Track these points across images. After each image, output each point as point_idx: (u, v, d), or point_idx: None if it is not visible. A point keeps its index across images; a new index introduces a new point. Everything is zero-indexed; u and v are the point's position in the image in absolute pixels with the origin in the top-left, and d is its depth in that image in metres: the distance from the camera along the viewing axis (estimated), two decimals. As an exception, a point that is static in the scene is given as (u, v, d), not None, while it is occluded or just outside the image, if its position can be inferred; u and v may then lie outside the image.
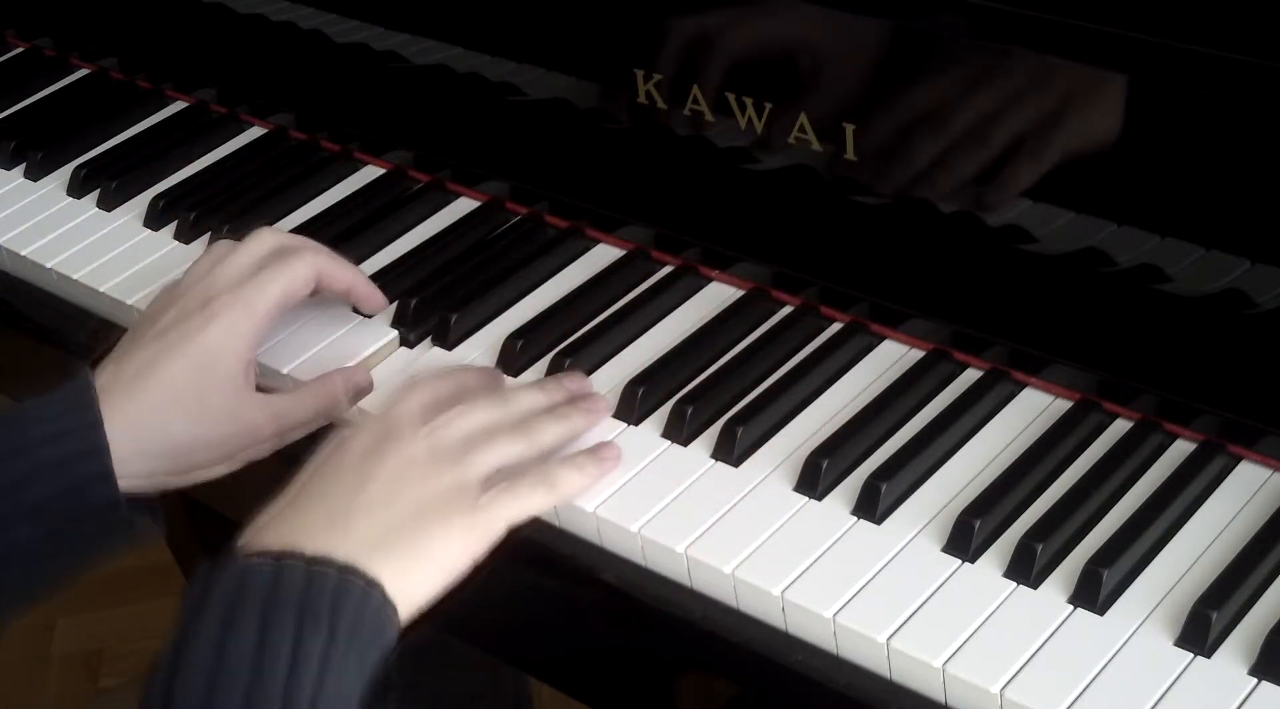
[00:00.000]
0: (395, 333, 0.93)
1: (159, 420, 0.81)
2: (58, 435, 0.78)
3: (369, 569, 0.70)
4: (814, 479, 0.79)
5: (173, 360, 0.82)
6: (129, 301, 0.98)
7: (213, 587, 0.68)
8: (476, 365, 0.89)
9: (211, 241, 1.03)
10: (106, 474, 0.78)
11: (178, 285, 0.88)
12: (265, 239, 0.89)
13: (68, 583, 0.82)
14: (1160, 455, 0.79)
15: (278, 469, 0.95)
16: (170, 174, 1.11)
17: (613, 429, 0.84)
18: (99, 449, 0.78)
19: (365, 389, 0.89)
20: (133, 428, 0.80)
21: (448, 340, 0.92)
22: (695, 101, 0.89)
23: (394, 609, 0.70)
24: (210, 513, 1.42)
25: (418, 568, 0.72)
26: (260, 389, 0.86)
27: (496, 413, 0.80)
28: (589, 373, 0.88)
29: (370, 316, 0.94)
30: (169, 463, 0.81)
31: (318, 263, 0.88)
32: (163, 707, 0.64)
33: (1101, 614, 0.71)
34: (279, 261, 0.87)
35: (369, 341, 0.93)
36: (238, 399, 0.83)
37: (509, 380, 0.89)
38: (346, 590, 0.68)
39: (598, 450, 0.81)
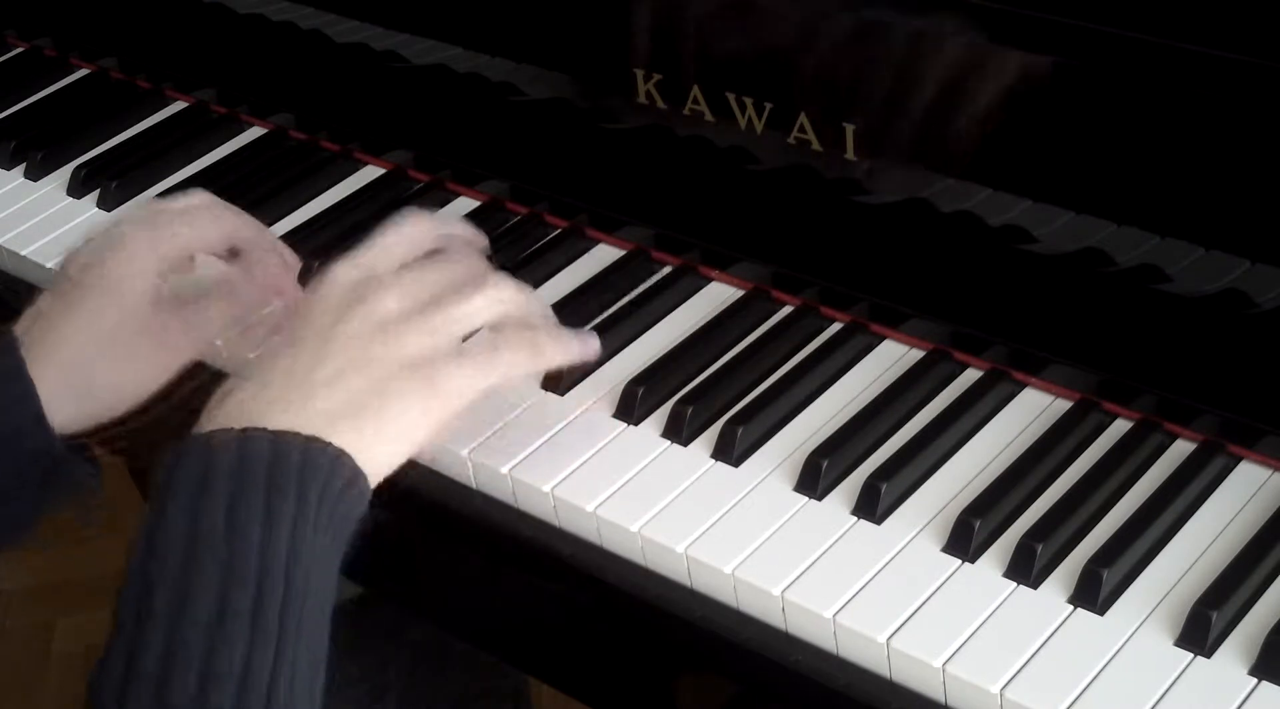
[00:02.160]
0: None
1: (80, 357, 0.81)
2: None
3: (335, 438, 0.69)
4: (814, 479, 0.79)
5: (84, 295, 0.82)
6: (129, 301, 0.98)
7: (180, 467, 0.67)
8: (462, 221, 0.86)
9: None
10: (39, 418, 0.78)
11: (91, 233, 0.87)
12: (193, 194, 0.89)
13: (15, 537, 0.81)
14: (1160, 455, 0.79)
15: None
16: (170, 174, 1.11)
17: (613, 429, 0.84)
18: (27, 395, 0.78)
19: (290, 290, 0.88)
20: (56, 369, 0.80)
21: (448, 340, 0.92)
22: (695, 101, 0.89)
23: (363, 477, 0.69)
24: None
25: (377, 442, 0.71)
26: None
27: (479, 265, 0.78)
28: (589, 373, 0.87)
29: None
30: (97, 398, 0.81)
31: (237, 222, 0.87)
32: (141, 588, 0.64)
33: (1101, 614, 0.71)
34: (200, 213, 0.87)
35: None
36: (152, 318, 0.83)
37: None
38: (313, 462, 0.67)
39: (582, 334, 0.80)
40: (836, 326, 0.89)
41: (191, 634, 0.62)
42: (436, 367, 0.73)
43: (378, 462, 0.71)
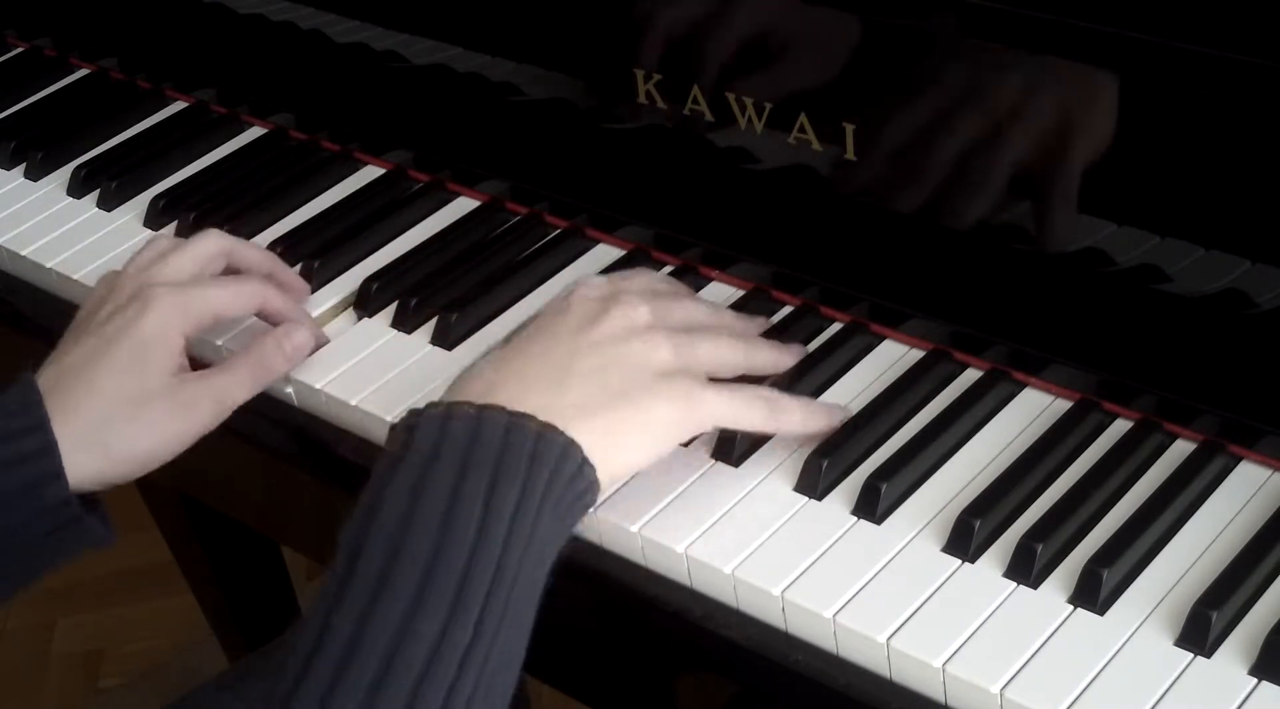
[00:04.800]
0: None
1: (102, 416, 0.81)
2: (4, 437, 0.78)
3: (575, 433, 0.69)
4: (814, 479, 0.79)
5: (110, 355, 0.82)
6: (129, 301, 0.98)
7: (414, 434, 0.68)
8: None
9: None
10: (57, 472, 0.78)
11: (117, 279, 0.88)
12: (210, 241, 0.90)
13: (17, 586, 0.81)
14: (1160, 455, 0.79)
15: (275, 472, 0.95)
16: (170, 174, 1.11)
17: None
18: (48, 448, 0.78)
19: (304, 347, 0.89)
20: (77, 426, 0.80)
21: (448, 340, 0.92)
22: (695, 102, 0.89)
23: (593, 469, 0.69)
24: (211, 513, 1.42)
25: (624, 436, 0.71)
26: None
27: (715, 316, 0.80)
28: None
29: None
30: (118, 459, 0.81)
31: (264, 294, 0.89)
32: (355, 548, 0.65)
33: (1101, 614, 0.71)
34: (231, 281, 0.88)
35: (366, 341, 0.93)
36: (176, 383, 0.83)
37: None
38: (545, 446, 0.68)
39: (831, 407, 0.80)
40: (836, 327, 0.89)
41: (398, 595, 0.63)
42: (692, 383, 0.74)
43: (616, 458, 0.72)
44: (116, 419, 0.81)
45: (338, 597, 0.64)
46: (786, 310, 0.91)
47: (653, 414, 0.73)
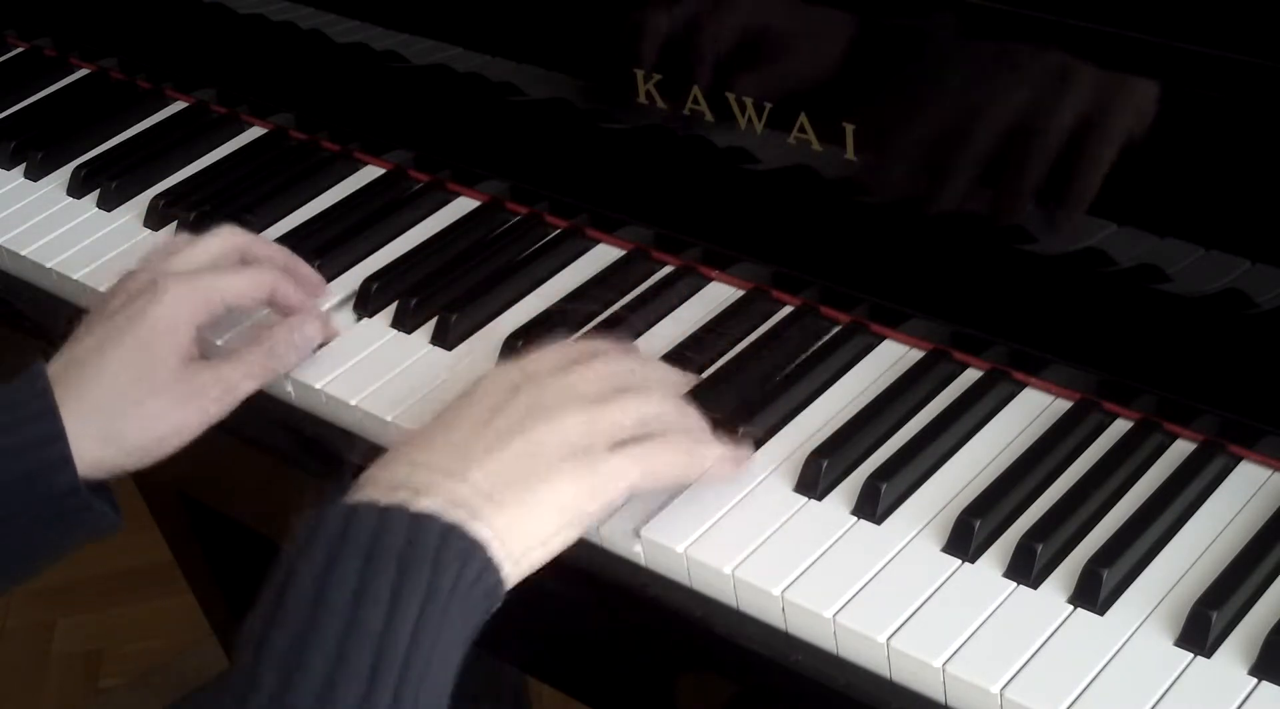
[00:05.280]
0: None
1: (111, 404, 0.81)
2: (13, 424, 0.78)
3: (483, 522, 0.68)
4: (814, 479, 0.79)
5: (120, 342, 0.82)
6: (129, 301, 0.98)
7: (320, 527, 0.67)
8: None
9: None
10: (65, 459, 0.78)
11: (131, 275, 0.88)
12: (225, 235, 0.90)
13: (27, 574, 0.81)
14: (1160, 455, 0.79)
15: (275, 471, 0.95)
16: (170, 174, 1.11)
17: (613, 429, 0.84)
18: (56, 435, 0.78)
19: (313, 339, 0.89)
20: (86, 414, 0.80)
21: (448, 340, 0.92)
22: (695, 102, 0.89)
23: (497, 568, 0.68)
24: (211, 513, 1.42)
25: (532, 522, 0.70)
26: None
27: (643, 368, 0.79)
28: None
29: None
30: (125, 447, 0.81)
31: (276, 282, 0.89)
32: (259, 644, 0.64)
33: (1101, 614, 0.71)
34: (243, 268, 0.88)
35: (366, 341, 0.93)
36: (186, 372, 0.83)
37: None
38: (449, 548, 0.67)
39: (742, 454, 0.80)
40: (836, 327, 0.89)
41: (301, 699, 0.62)
42: (596, 453, 0.73)
43: (531, 541, 0.71)
44: (124, 407, 0.81)
45: (246, 693, 0.63)
46: (786, 310, 0.91)
47: (559, 496, 0.71)
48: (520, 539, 0.70)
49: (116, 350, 0.82)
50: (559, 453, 0.72)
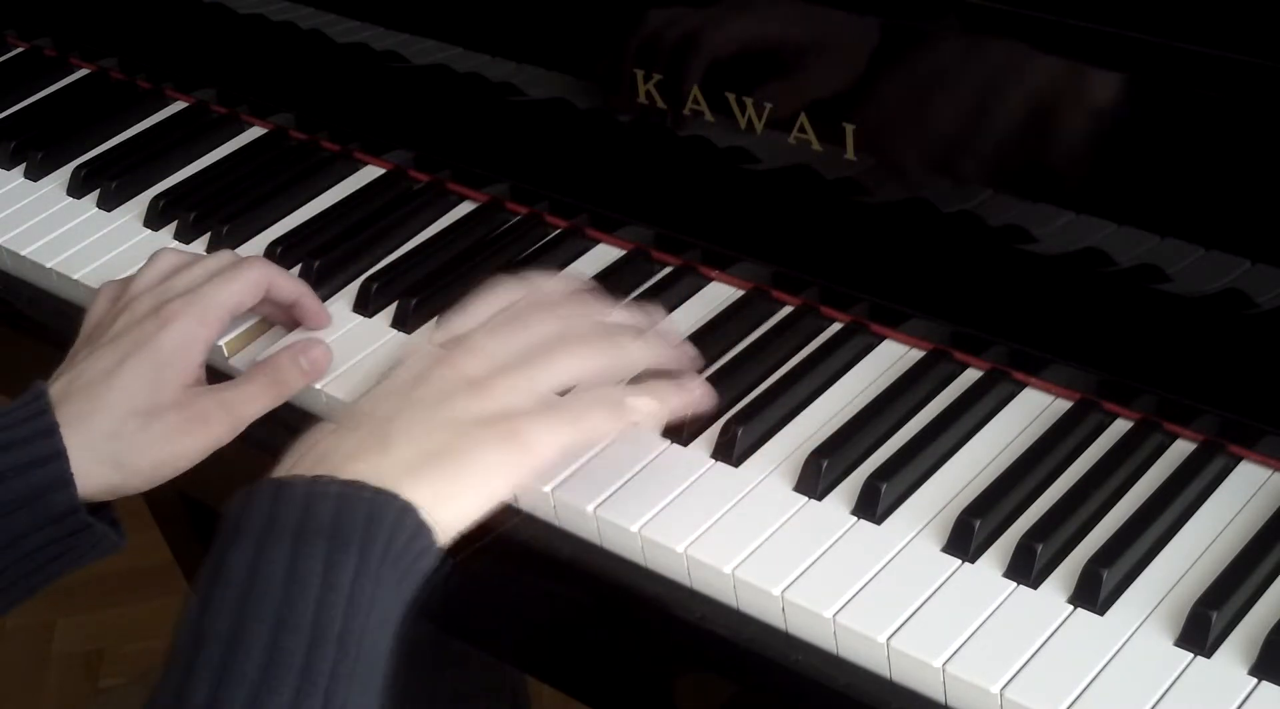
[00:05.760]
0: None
1: (115, 428, 0.81)
2: (12, 444, 0.78)
3: (406, 493, 0.68)
4: (814, 479, 0.79)
5: (128, 367, 0.82)
6: (129, 301, 0.98)
7: (246, 512, 0.67)
8: (564, 276, 0.85)
9: (212, 242, 1.03)
10: (65, 480, 0.78)
11: (125, 290, 0.88)
12: (220, 255, 0.91)
13: (27, 594, 0.81)
14: (1160, 455, 0.79)
15: (271, 467, 0.95)
16: (170, 174, 1.11)
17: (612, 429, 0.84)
18: (56, 455, 0.78)
19: (320, 361, 0.89)
20: (89, 436, 0.80)
21: (448, 340, 0.92)
22: (695, 101, 0.89)
23: (430, 531, 0.68)
24: (211, 513, 1.42)
25: (455, 490, 0.70)
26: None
27: (573, 322, 0.77)
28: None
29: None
30: (129, 471, 0.81)
31: (268, 272, 0.89)
32: (196, 629, 0.64)
33: (1101, 614, 0.71)
34: (230, 270, 0.88)
35: (366, 341, 0.93)
36: (191, 397, 0.83)
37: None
38: (379, 515, 0.67)
39: (683, 379, 0.78)
40: (836, 327, 0.89)
41: (240, 680, 0.62)
42: (518, 420, 0.72)
43: (456, 512, 0.70)
44: (128, 431, 0.81)
45: (182, 685, 0.62)
46: (786, 310, 0.91)
47: (480, 463, 0.71)
48: (445, 511, 0.69)
49: (123, 375, 0.82)
50: (483, 422, 0.72)
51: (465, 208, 1.04)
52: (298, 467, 0.70)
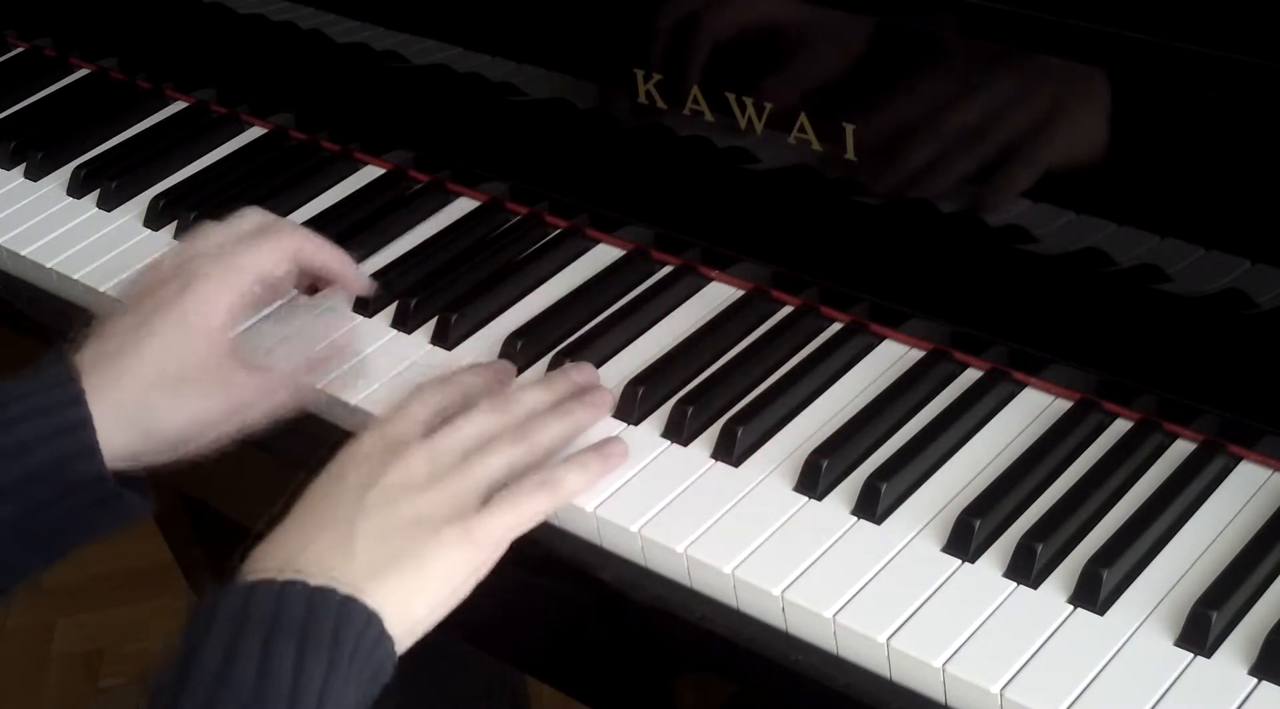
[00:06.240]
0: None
1: (142, 395, 0.80)
2: (39, 411, 0.78)
3: (371, 597, 0.70)
4: (814, 479, 0.79)
5: (151, 332, 0.81)
6: (129, 301, 0.98)
7: (220, 605, 0.68)
8: (481, 364, 0.88)
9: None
10: (91, 448, 0.78)
11: (158, 262, 0.87)
12: (249, 216, 0.89)
13: (56, 559, 0.81)
14: (1160, 455, 0.79)
15: (277, 472, 0.95)
16: (170, 174, 1.11)
17: (613, 429, 0.84)
18: (82, 422, 0.78)
19: (346, 348, 0.90)
20: (116, 405, 0.79)
21: (448, 340, 0.92)
22: (695, 101, 0.89)
23: (392, 642, 0.71)
24: (210, 513, 1.42)
25: (419, 591, 0.72)
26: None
27: (494, 418, 0.80)
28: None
29: (370, 312, 0.94)
30: (156, 438, 0.81)
31: (296, 238, 0.88)
32: None
33: (1101, 614, 0.71)
34: (258, 235, 0.87)
35: (366, 341, 0.93)
36: (221, 368, 0.83)
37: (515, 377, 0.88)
38: (348, 621, 0.69)
39: (602, 447, 0.81)
40: (836, 327, 0.89)
41: None
42: (469, 519, 0.75)
43: (417, 615, 0.72)
44: (155, 396, 0.81)
45: None
46: (786, 310, 0.91)
47: (441, 565, 0.73)
48: (409, 612, 0.72)
49: (151, 339, 0.81)
50: (433, 524, 0.74)
51: (465, 207, 1.04)
52: (266, 560, 0.71)
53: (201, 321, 0.82)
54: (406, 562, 0.72)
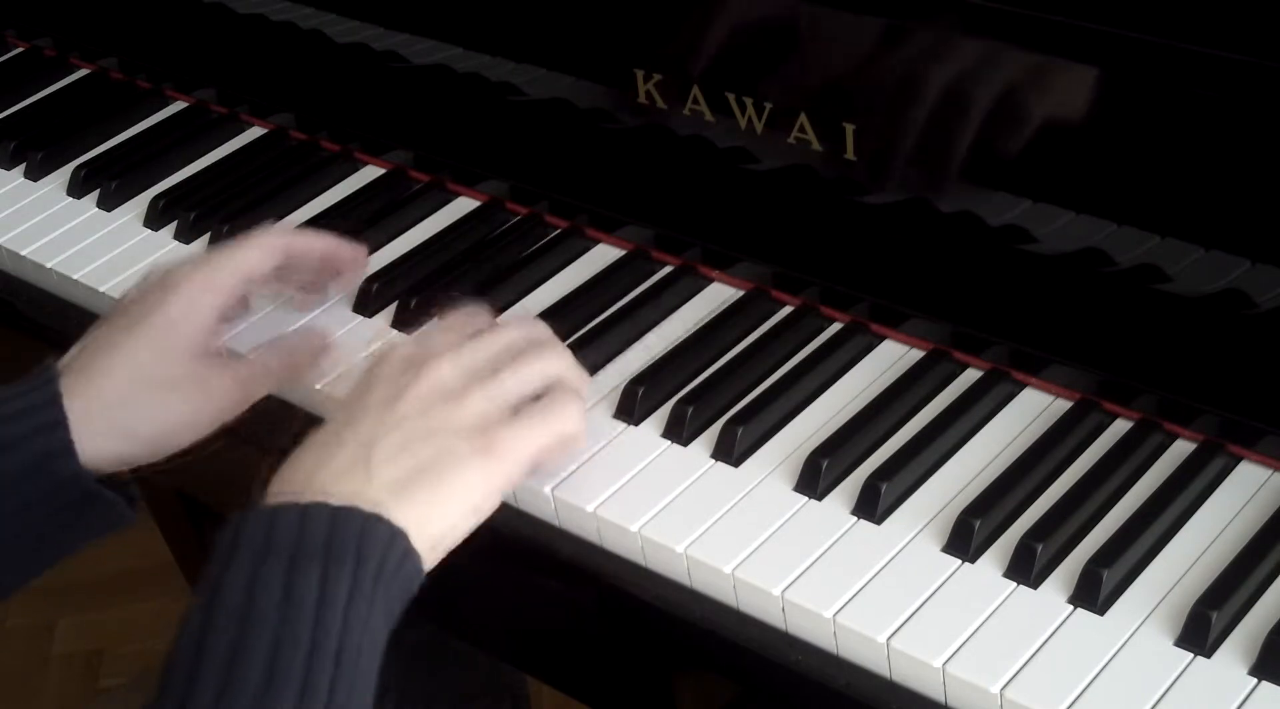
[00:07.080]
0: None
1: (125, 399, 0.81)
2: (15, 414, 0.78)
3: (393, 514, 0.69)
4: (814, 479, 0.79)
5: (134, 338, 0.82)
6: (129, 301, 0.98)
7: (242, 533, 0.68)
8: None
9: (211, 241, 1.03)
10: (67, 448, 0.78)
11: (149, 273, 0.88)
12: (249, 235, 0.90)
13: (45, 567, 0.81)
14: (1160, 455, 0.79)
15: (272, 468, 0.95)
16: (170, 174, 1.11)
17: (613, 429, 0.84)
18: (58, 424, 0.78)
19: (322, 349, 0.89)
20: (95, 405, 0.80)
21: (448, 340, 0.92)
22: (695, 101, 0.89)
23: (417, 556, 0.70)
24: (211, 513, 1.42)
25: (440, 510, 0.72)
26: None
27: (525, 333, 0.80)
28: (590, 373, 0.87)
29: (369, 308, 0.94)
30: (138, 440, 0.81)
31: (284, 236, 0.89)
32: (194, 652, 0.65)
33: (1101, 614, 0.71)
34: (242, 239, 0.88)
35: (365, 341, 0.93)
36: (201, 368, 0.83)
37: None
38: (371, 538, 0.68)
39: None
40: (836, 327, 0.89)
41: (242, 693, 0.63)
42: (492, 432, 0.75)
43: (443, 527, 0.72)
44: (137, 399, 0.81)
45: (184, 698, 0.63)
46: (786, 310, 0.91)
47: (461, 479, 0.73)
48: (432, 529, 0.71)
49: (130, 342, 0.82)
50: (457, 437, 0.74)
51: (465, 207, 1.04)
52: (287, 483, 0.71)
53: (185, 327, 0.83)
54: (428, 476, 0.72)
